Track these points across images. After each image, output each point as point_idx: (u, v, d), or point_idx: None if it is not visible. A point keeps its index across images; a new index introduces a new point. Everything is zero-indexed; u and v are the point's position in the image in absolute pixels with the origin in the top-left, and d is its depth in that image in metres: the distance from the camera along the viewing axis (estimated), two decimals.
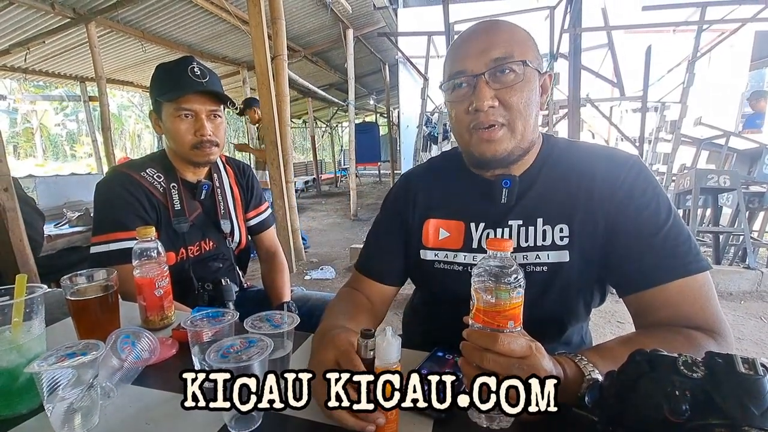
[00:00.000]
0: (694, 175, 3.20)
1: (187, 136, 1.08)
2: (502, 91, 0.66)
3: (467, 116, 0.69)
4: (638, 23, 4.39)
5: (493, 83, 0.66)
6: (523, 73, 0.66)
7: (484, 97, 0.65)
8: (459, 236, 0.78)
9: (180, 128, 1.07)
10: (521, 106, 0.67)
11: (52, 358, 0.49)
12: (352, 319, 0.71)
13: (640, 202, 0.67)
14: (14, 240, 1.48)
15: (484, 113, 0.67)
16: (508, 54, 0.66)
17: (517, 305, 0.48)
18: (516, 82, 0.66)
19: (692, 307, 0.62)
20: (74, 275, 0.72)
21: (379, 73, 9.04)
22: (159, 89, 1.09)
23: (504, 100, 0.66)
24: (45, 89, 10.65)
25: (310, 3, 5.33)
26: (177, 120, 1.07)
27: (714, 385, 0.36)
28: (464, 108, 0.69)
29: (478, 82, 0.66)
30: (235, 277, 1.28)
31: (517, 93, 0.66)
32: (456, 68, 0.69)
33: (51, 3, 4.15)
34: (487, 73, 0.66)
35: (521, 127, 0.68)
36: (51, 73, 6.23)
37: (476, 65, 0.67)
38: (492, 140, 0.68)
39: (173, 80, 1.07)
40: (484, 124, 0.67)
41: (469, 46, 0.69)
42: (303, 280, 3.55)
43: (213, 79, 1.12)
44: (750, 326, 2.54)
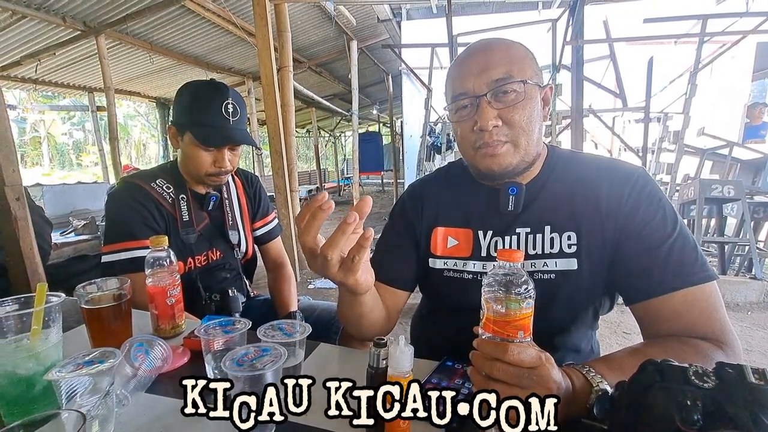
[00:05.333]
0: (698, 185, 3.20)
1: (206, 165, 1.11)
2: (504, 111, 0.68)
3: (472, 135, 0.72)
4: (640, 35, 4.43)
5: (496, 103, 0.69)
6: (523, 91, 0.68)
7: (487, 117, 0.68)
8: (468, 244, 0.78)
9: (201, 156, 1.09)
10: (524, 123, 0.69)
11: (70, 366, 0.50)
12: None
13: (646, 212, 0.68)
14: (24, 248, 1.50)
15: (488, 132, 0.69)
16: (508, 74, 0.68)
17: (527, 315, 0.49)
18: (518, 101, 0.68)
19: (699, 316, 0.62)
20: (88, 284, 0.74)
21: (382, 83, 9.14)
22: (189, 116, 1.08)
23: (507, 119, 0.68)
24: (53, 99, 10.82)
25: (315, 15, 5.42)
26: (200, 150, 1.09)
27: (725, 395, 0.36)
28: (469, 127, 0.71)
29: (481, 103, 0.69)
30: (242, 286, 1.29)
31: (519, 111, 0.68)
32: (458, 89, 0.72)
33: (62, 16, 4.25)
34: (488, 93, 0.68)
35: (525, 142, 0.70)
36: (60, 84, 6.35)
37: (477, 86, 0.69)
38: (496, 155, 0.70)
39: (207, 116, 1.08)
40: (488, 144, 0.70)
41: (469, 67, 0.71)
42: (307, 289, 3.55)
43: (243, 116, 1.13)
44: (758, 337, 2.51)
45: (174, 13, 4.60)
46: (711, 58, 4.18)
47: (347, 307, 0.72)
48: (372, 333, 0.78)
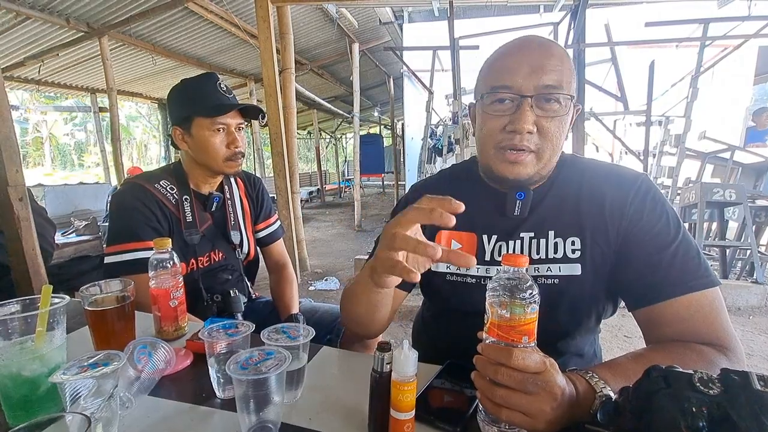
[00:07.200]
0: (699, 189, 3.19)
1: (222, 149, 1.13)
2: (542, 119, 0.66)
3: (500, 134, 0.68)
4: (641, 39, 4.44)
5: (537, 109, 0.65)
6: (566, 106, 0.67)
7: (526, 120, 0.64)
8: (471, 248, 0.78)
9: (215, 142, 1.12)
10: (555, 136, 0.67)
11: (75, 368, 0.50)
12: None
13: (649, 218, 0.68)
14: (27, 249, 1.50)
15: (519, 136, 0.66)
16: (559, 83, 0.65)
17: (531, 321, 0.49)
18: (559, 114, 0.66)
19: (703, 322, 0.62)
20: (91, 285, 0.74)
21: (383, 85, 9.17)
22: (191, 105, 1.12)
23: (542, 127, 0.66)
24: (56, 100, 10.86)
25: (317, 18, 5.45)
26: (212, 134, 1.12)
27: (730, 401, 0.36)
28: (500, 124, 0.68)
29: (523, 104, 0.65)
30: (244, 288, 1.29)
31: (556, 124, 0.66)
32: (501, 81, 0.67)
33: (66, 17, 4.27)
34: (534, 97, 0.65)
35: (548, 156, 0.69)
36: (63, 85, 6.37)
37: (525, 85, 0.65)
38: (518, 163, 0.68)
39: (207, 97, 1.12)
40: (516, 147, 0.67)
41: (519, 61, 0.66)
42: (308, 291, 3.55)
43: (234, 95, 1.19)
44: (759, 342, 2.51)
45: (177, 14, 4.62)
46: (712, 62, 4.18)
47: (362, 301, 0.69)
48: (374, 329, 0.78)
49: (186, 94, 1.14)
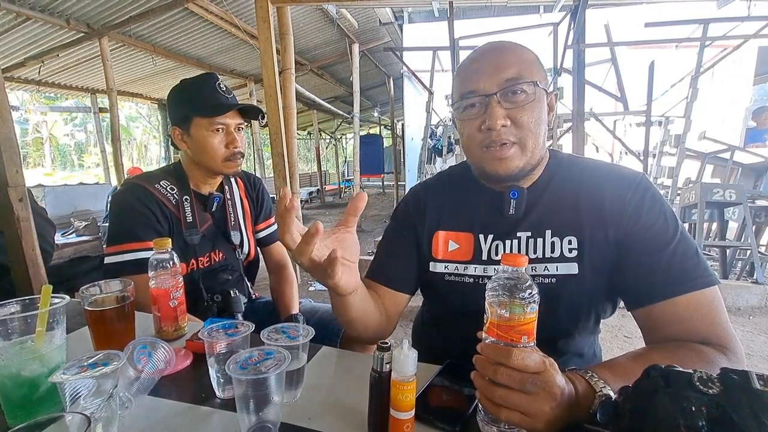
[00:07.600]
0: (699, 189, 3.19)
1: (221, 150, 1.13)
2: (513, 111, 0.68)
3: (479, 134, 0.71)
4: (641, 39, 4.44)
5: (505, 103, 0.68)
6: (533, 93, 0.69)
7: (496, 116, 0.67)
8: (469, 248, 0.79)
9: (214, 142, 1.12)
10: (532, 124, 0.69)
11: (75, 368, 0.50)
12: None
13: (648, 218, 0.68)
14: (27, 249, 1.50)
15: (496, 132, 0.68)
16: (519, 74, 0.68)
17: (530, 320, 0.49)
18: (527, 102, 0.68)
19: (702, 322, 0.62)
20: (91, 286, 0.74)
21: (383, 86, 9.17)
22: (190, 105, 1.12)
23: (515, 119, 0.68)
24: (56, 100, 10.86)
25: (317, 18, 5.45)
26: (211, 134, 1.12)
27: (730, 401, 0.36)
28: (476, 126, 0.71)
29: (490, 102, 0.68)
30: (244, 288, 1.29)
31: (528, 112, 0.69)
32: (468, 88, 0.71)
33: (66, 18, 4.27)
34: (499, 93, 0.68)
35: (531, 144, 0.70)
36: (63, 85, 6.37)
37: (488, 85, 0.69)
38: (504, 158, 0.70)
39: (206, 97, 1.12)
40: (496, 143, 0.69)
41: (480, 66, 0.71)
42: (308, 291, 3.55)
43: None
44: (759, 342, 2.50)
45: (177, 15, 4.62)
46: (712, 63, 4.18)
47: (335, 308, 0.72)
48: (369, 335, 0.78)
49: (185, 95, 1.14)
